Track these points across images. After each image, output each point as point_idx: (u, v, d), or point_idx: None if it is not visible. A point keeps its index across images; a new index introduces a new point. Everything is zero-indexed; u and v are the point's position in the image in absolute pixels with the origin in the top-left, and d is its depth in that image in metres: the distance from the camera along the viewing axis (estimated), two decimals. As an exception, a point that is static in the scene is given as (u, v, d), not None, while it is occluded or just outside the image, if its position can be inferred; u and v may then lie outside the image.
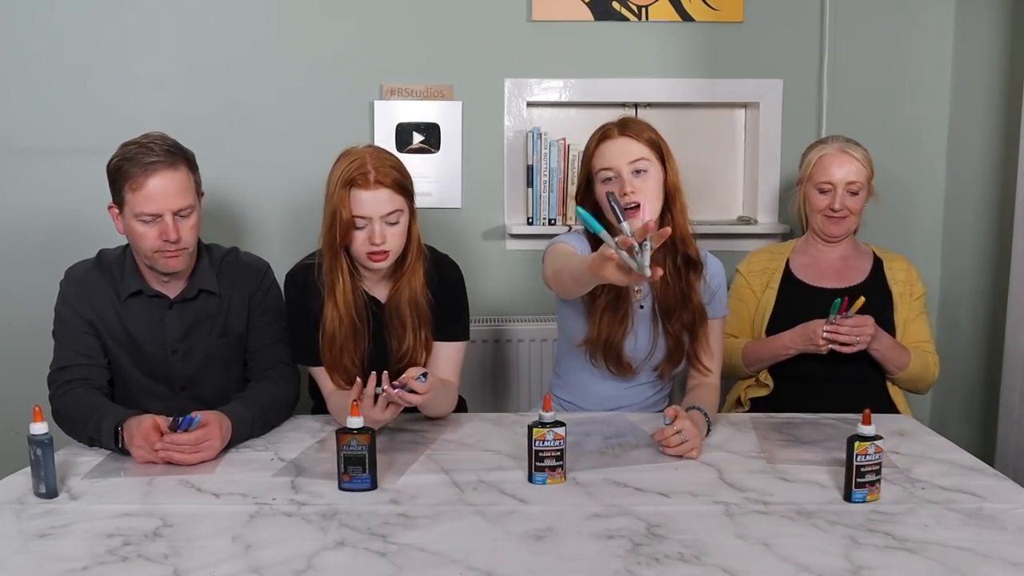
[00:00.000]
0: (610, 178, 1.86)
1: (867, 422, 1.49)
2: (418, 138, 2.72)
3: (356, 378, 1.81)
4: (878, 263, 2.31)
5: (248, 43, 2.67)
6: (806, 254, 2.35)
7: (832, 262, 2.32)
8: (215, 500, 1.54)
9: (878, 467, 1.51)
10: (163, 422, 1.71)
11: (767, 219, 2.81)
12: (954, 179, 2.81)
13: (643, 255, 1.39)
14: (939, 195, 2.84)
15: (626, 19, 2.71)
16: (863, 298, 2.08)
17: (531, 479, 1.59)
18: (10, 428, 2.57)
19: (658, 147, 1.89)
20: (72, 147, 2.65)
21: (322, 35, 2.67)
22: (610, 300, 1.89)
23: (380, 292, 1.96)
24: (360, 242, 1.85)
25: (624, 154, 1.86)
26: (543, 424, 1.58)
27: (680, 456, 1.71)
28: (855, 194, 2.25)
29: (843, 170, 2.24)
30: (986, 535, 1.38)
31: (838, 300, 2.08)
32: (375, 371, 1.74)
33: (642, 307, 1.94)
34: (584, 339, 1.93)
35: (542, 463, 1.59)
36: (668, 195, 1.90)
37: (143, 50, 2.64)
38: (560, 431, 1.58)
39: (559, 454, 1.59)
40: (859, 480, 1.50)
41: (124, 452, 1.72)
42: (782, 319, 2.22)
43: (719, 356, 2.01)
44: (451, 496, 1.54)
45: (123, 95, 2.64)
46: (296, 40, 2.67)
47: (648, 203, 1.82)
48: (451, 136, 2.73)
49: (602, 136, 1.90)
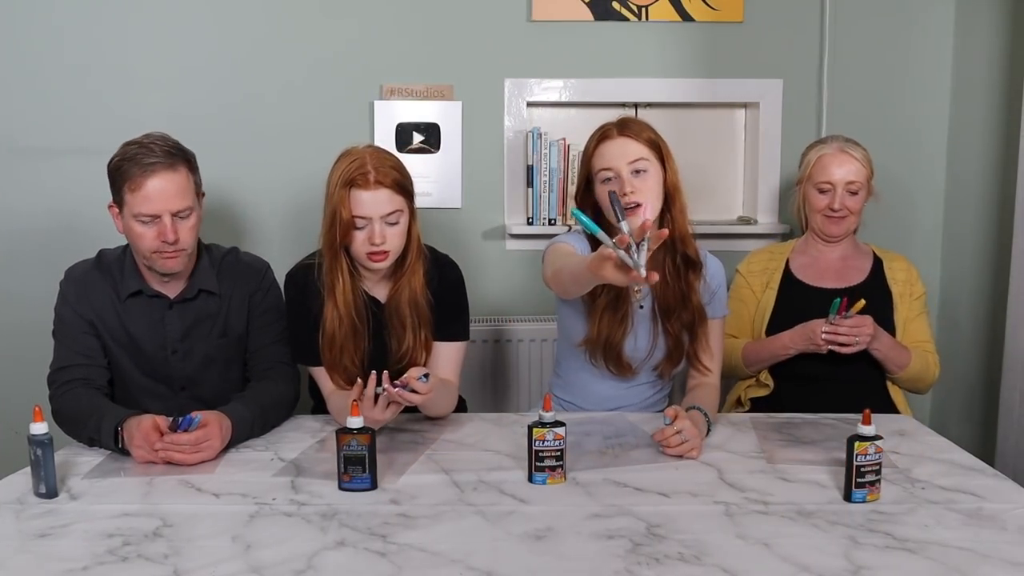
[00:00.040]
0: (610, 178, 1.86)
1: (867, 422, 1.49)
2: (418, 138, 2.72)
3: (356, 378, 1.82)
4: (878, 263, 2.31)
5: (248, 43, 2.67)
6: (806, 254, 2.35)
7: (832, 262, 2.32)
8: (215, 500, 1.54)
9: (878, 467, 1.51)
10: (163, 422, 1.71)
11: (767, 219, 2.81)
12: (954, 179, 2.81)
13: (640, 254, 1.39)
14: (939, 195, 2.84)
15: (626, 19, 2.71)
16: (863, 301, 2.08)
17: (531, 479, 1.59)
18: (10, 428, 2.57)
19: (657, 147, 1.89)
20: (72, 147, 2.65)
21: (322, 35, 2.67)
22: (610, 300, 1.89)
23: (380, 292, 1.96)
24: (360, 242, 1.85)
25: (623, 154, 1.86)
26: (543, 424, 1.58)
27: (680, 456, 1.71)
28: (855, 194, 2.25)
29: (843, 170, 2.24)
30: (986, 535, 1.38)
31: (837, 300, 2.08)
32: (375, 371, 1.74)
33: (642, 307, 1.94)
34: (584, 339, 1.93)
35: (542, 463, 1.59)
36: (668, 195, 1.90)
37: (143, 50, 2.64)
38: (560, 431, 1.58)
39: (559, 454, 1.59)
40: (859, 480, 1.50)
41: (124, 452, 1.72)
42: (782, 319, 2.22)
43: (719, 356, 2.01)
44: (451, 496, 1.54)
45: (123, 95, 2.64)
46: (296, 40, 2.67)
47: (648, 203, 1.82)
48: (451, 136, 2.73)
49: (601, 136, 1.90)
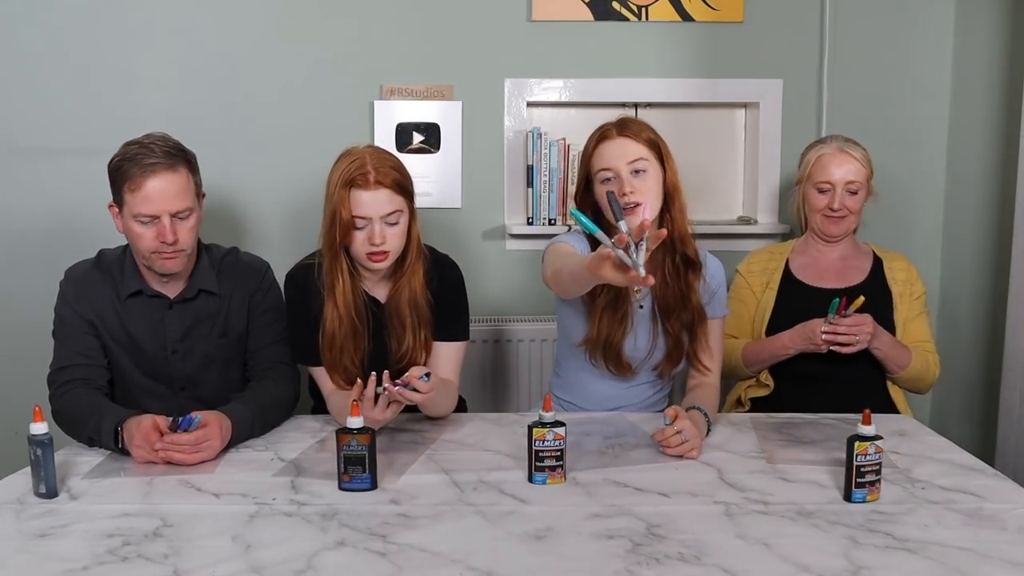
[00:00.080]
0: (609, 178, 1.86)
1: (867, 422, 1.49)
2: (418, 138, 2.72)
3: (356, 378, 1.82)
4: (878, 263, 2.31)
5: (248, 43, 2.67)
6: (806, 254, 2.35)
7: (832, 262, 2.32)
8: (215, 500, 1.54)
9: (878, 467, 1.51)
10: (163, 422, 1.71)
11: (767, 219, 2.81)
12: (954, 179, 2.80)
13: (639, 254, 1.40)
14: (939, 195, 2.84)
15: (626, 19, 2.71)
16: (863, 297, 2.08)
17: (531, 479, 1.59)
18: (10, 428, 2.57)
19: (657, 147, 1.89)
20: (72, 147, 2.65)
21: (322, 35, 2.67)
22: (610, 300, 1.89)
23: (380, 292, 1.96)
24: (360, 242, 1.85)
25: (623, 154, 1.86)
26: (543, 424, 1.58)
27: (680, 456, 1.71)
28: (854, 194, 2.25)
29: (842, 170, 2.24)
30: (986, 535, 1.38)
31: (836, 300, 2.08)
32: (375, 372, 1.74)
33: (641, 307, 1.94)
34: (584, 339, 1.93)
35: (542, 463, 1.58)
36: (667, 195, 1.90)
37: (143, 50, 2.64)
38: (560, 431, 1.58)
39: (559, 454, 1.59)
40: (859, 480, 1.49)
41: (124, 452, 1.72)
42: (782, 319, 2.22)
43: (719, 356, 2.01)
44: (451, 496, 1.54)
45: (123, 95, 2.64)
46: (296, 40, 2.67)
47: (647, 203, 1.82)
48: (451, 136, 2.73)
49: (601, 136, 1.90)
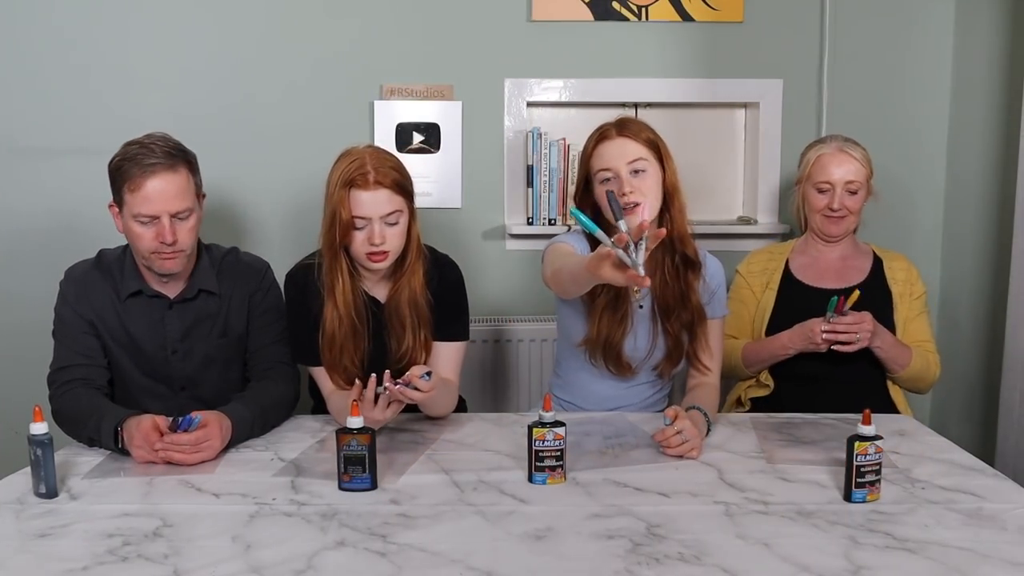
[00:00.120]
0: (608, 178, 1.86)
1: (867, 422, 1.49)
2: (418, 138, 2.72)
3: (356, 378, 1.82)
4: (878, 262, 2.31)
5: (248, 43, 2.67)
6: (805, 254, 2.35)
7: (832, 262, 2.31)
8: (215, 500, 1.54)
9: (878, 467, 1.51)
10: (163, 422, 1.71)
11: (767, 219, 2.81)
12: (954, 179, 2.80)
13: (638, 254, 1.40)
14: (939, 195, 2.84)
15: (626, 19, 2.71)
16: (858, 292, 2.08)
17: (531, 479, 1.59)
18: (10, 428, 2.57)
19: (656, 147, 1.89)
20: (72, 147, 2.65)
21: (323, 35, 2.67)
22: (609, 300, 1.89)
23: (380, 292, 1.96)
24: (359, 242, 1.85)
25: (622, 154, 1.86)
26: (543, 424, 1.58)
27: (680, 456, 1.71)
28: (854, 193, 2.25)
29: (841, 169, 2.24)
30: (986, 535, 1.38)
31: (834, 298, 2.07)
32: (375, 373, 1.74)
33: (641, 307, 1.94)
34: (584, 339, 1.93)
35: (542, 463, 1.58)
36: (667, 195, 1.90)
37: (143, 50, 2.64)
38: (560, 431, 1.58)
39: (559, 454, 1.59)
40: (859, 480, 1.49)
41: (124, 452, 1.72)
42: (781, 320, 2.22)
43: (719, 356, 2.01)
44: (451, 496, 1.54)
45: (123, 95, 2.64)
46: (297, 40, 2.67)
47: (647, 203, 1.82)
48: (451, 136, 2.73)
49: (600, 137, 1.90)
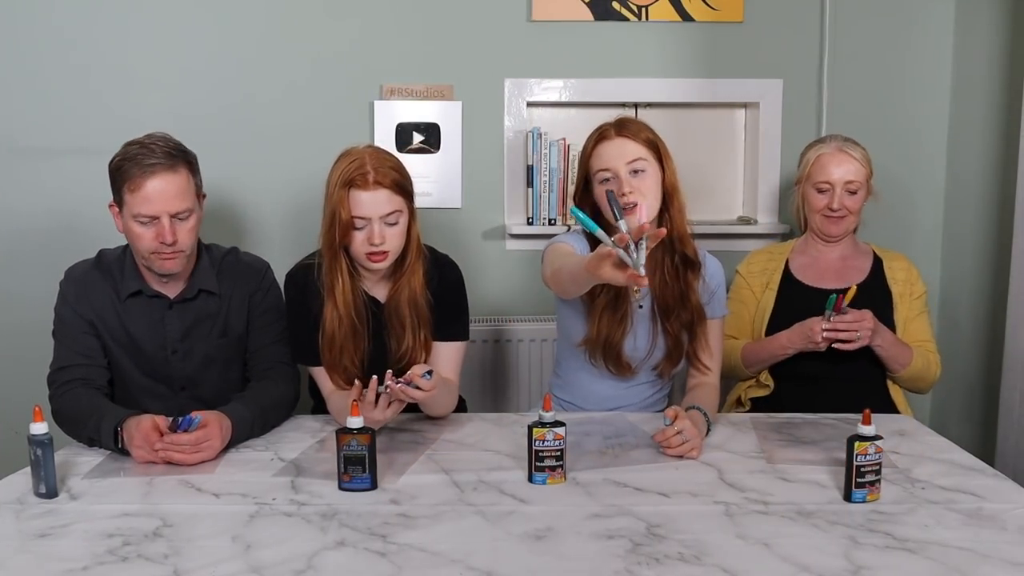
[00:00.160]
0: (608, 179, 1.86)
1: (867, 422, 1.49)
2: (418, 138, 2.72)
3: (356, 378, 1.82)
4: (878, 262, 2.31)
5: (248, 43, 2.67)
6: (805, 254, 2.35)
7: (832, 262, 2.31)
8: (215, 500, 1.54)
9: (878, 467, 1.51)
10: (163, 422, 1.71)
11: (767, 219, 2.81)
12: (954, 179, 2.80)
13: (639, 253, 1.40)
14: (939, 195, 2.84)
15: (626, 19, 2.71)
16: (855, 287, 2.08)
17: (531, 479, 1.59)
18: (10, 428, 2.57)
19: (655, 147, 1.89)
20: (72, 147, 2.65)
21: (323, 35, 2.67)
22: (609, 300, 1.89)
23: (380, 292, 1.96)
24: (359, 243, 1.85)
25: (621, 155, 1.86)
26: (543, 424, 1.58)
27: (680, 456, 1.71)
28: (854, 193, 2.25)
29: (841, 169, 2.24)
30: (986, 535, 1.38)
31: (833, 296, 2.07)
32: (376, 374, 1.73)
33: (641, 307, 1.94)
34: (584, 339, 1.93)
35: (542, 463, 1.59)
36: (666, 195, 1.90)
37: (143, 50, 2.64)
38: (560, 431, 1.58)
39: (559, 454, 1.59)
40: (859, 480, 1.49)
41: (124, 452, 1.72)
42: (781, 320, 2.21)
43: (718, 356, 2.01)
44: (451, 496, 1.54)
45: (123, 95, 2.64)
46: (297, 40, 2.67)
47: (646, 203, 1.82)
48: (451, 136, 2.73)
49: (599, 137, 1.90)
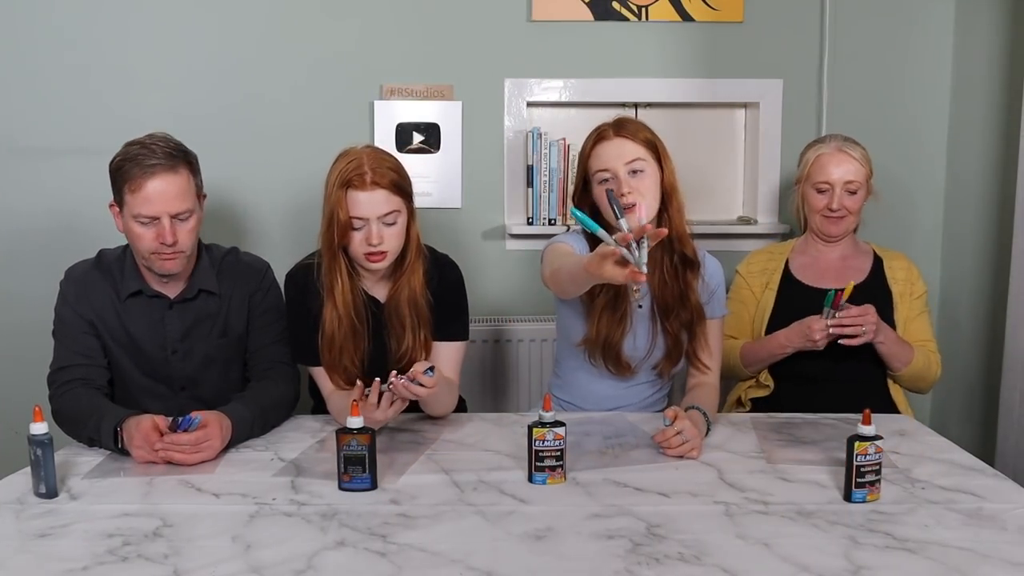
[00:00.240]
0: (607, 179, 1.86)
1: (867, 422, 1.49)
2: (418, 138, 2.72)
3: (356, 378, 1.82)
4: (878, 262, 2.30)
5: (248, 43, 2.67)
6: (805, 254, 2.34)
7: (832, 262, 2.31)
8: (215, 500, 1.54)
9: (878, 467, 1.51)
10: (162, 422, 1.71)
11: (767, 219, 2.81)
12: (954, 179, 2.80)
13: (641, 252, 1.40)
14: (939, 195, 2.84)
15: (626, 19, 2.71)
16: (852, 282, 2.08)
17: (531, 479, 1.59)
18: (10, 428, 2.57)
19: (654, 147, 1.89)
20: (72, 147, 2.65)
21: (323, 35, 2.67)
22: (609, 300, 1.89)
23: (379, 292, 1.96)
24: (358, 243, 1.85)
25: (620, 155, 1.86)
26: (543, 424, 1.58)
27: (680, 456, 1.71)
28: (853, 193, 2.25)
29: (841, 169, 2.24)
30: (986, 535, 1.38)
31: (831, 293, 2.07)
32: (377, 377, 1.74)
33: (640, 307, 1.94)
34: (583, 339, 1.93)
35: (542, 463, 1.59)
36: (665, 195, 1.90)
37: (143, 50, 2.64)
38: (560, 431, 1.58)
39: (559, 454, 1.59)
40: (859, 480, 1.50)
41: (124, 452, 1.72)
42: (781, 320, 2.21)
43: (718, 355, 2.01)
44: (451, 496, 1.54)
45: (123, 95, 2.64)
46: (297, 40, 2.67)
47: (645, 203, 1.82)
48: (451, 136, 2.73)
49: (598, 137, 1.90)
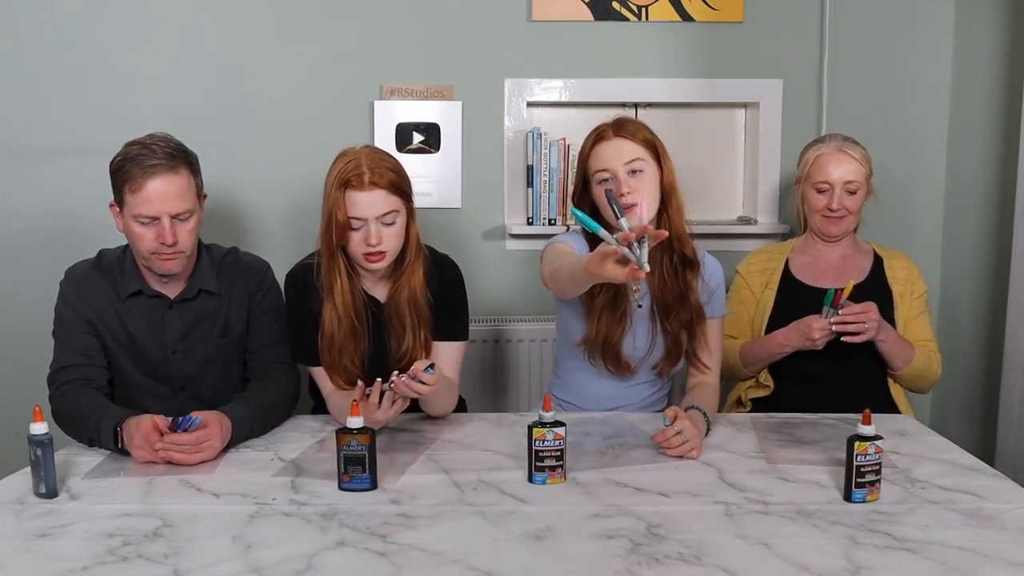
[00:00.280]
0: (606, 179, 1.86)
1: (867, 422, 1.49)
2: (418, 138, 2.72)
3: (356, 378, 1.82)
4: (878, 262, 2.30)
5: (248, 43, 2.67)
6: (805, 254, 2.34)
7: (832, 262, 2.31)
8: (215, 500, 1.54)
9: (878, 467, 1.51)
10: (162, 422, 1.71)
11: (767, 219, 2.81)
12: (954, 179, 2.80)
13: (642, 251, 1.41)
14: (939, 195, 2.84)
15: (626, 19, 2.71)
16: (852, 281, 2.08)
17: (531, 479, 1.59)
18: (10, 428, 2.57)
19: (653, 147, 1.89)
20: (72, 147, 2.65)
21: (323, 35, 2.67)
22: (608, 300, 1.89)
23: (379, 292, 1.96)
24: (356, 243, 1.85)
25: (619, 155, 1.86)
26: (543, 424, 1.58)
27: (680, 456, 1.71)
28: (853, 193, 2.24)
29: (840, 169, 2.23)
30: (986, 535, 1.38)
31: (830, 292, 2.07)
32: (376, 375, 1.74)
33: (640, 306, 1.94)
34: (583, 339, 1.93)
35: (542, 463, 1.59)
36: (664, 194, 1.90)
37: (143, 50, 2.64)
38: (560, 431, 1.58)
39: (559, 454, 1.59)
40: (859, 480, 1.50)
41: (123, 452, 1.72)
42: (781, 320, 2.21)
43: (718, 355, 2.01)
44: (451, 496, 1.54)
45: (123, 95, 2.64)
46: (297, 40, 2.67)
47: (645, 203, 1.82)
48: (451, 136, 2.73)
49: (597, 137, 1.90)
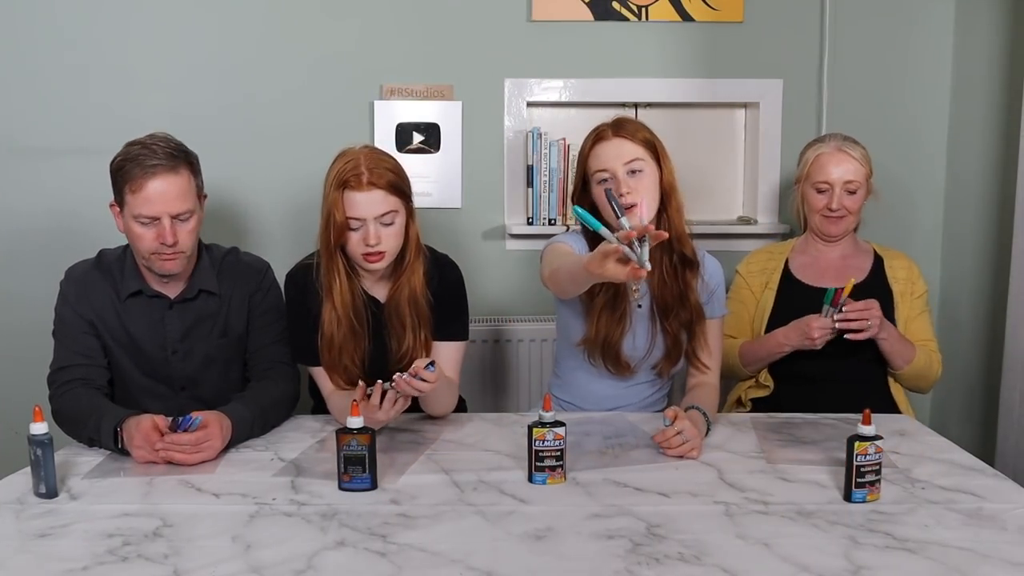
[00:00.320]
0: (605, 179, 1.86)
1: (867, 422, 1.49)
2: (418, 138, 2.72)
3: (356, 378, 1.82)
4: (878, 261, 2.30)
5: (248, 43, 2.67)
6: (805, 254, 2.34)
7: (832, 261, 2.31)
8: (215, 500, 1.54)
9: (878, 467, 1.51)
10: (162, 422, 1.71)
11: (767, 219, 2.81)
12: (954, 179, 2.80)
13: (643, 250, 1.41)
14: (939, 195, 2.84)
15: (626, 19, 2.71)
16: (853, 279, 2.08)
17: (531, 479, 1.59)
18: (10, 428, 2.57)
19: (653, 147, 1.89)
20: (72, 147, 2.65)
21: (323, 35, 2.67)
22: (608, 299, 1.89)
23: (379, 292, 1.96)
24: (355, 243, 1.85)
25: (619, 155, 1.86)
26: (543, 424, 1.58)
27: (680, 456, 1.71)
28: (853, 193, 2.24)
29: (840, 169, 2.23)
30: (986, 535, 1.38)
31: (830, 291, 2.07)
32: (379, 379, 1.74)
33: (640, 306, 1.94)
34: (583, 339, 1.93)
35: (542, 463, 1.59)
36: (664, 194, 1.90)
37: (143, 50, 2.64)
38: (560, 431, 1.58)
39: (559, 454, 1.59)
40: (859, 480, 1.50)
41: (123, 452, 1.72)
42: (781, 319, 2.20)
43: (718, 355, 2.01)
44: (451, 496, 1.54)
45: (123, 95, 2.64)
46: (296, 40, 2.67)
47: (644, 203, 1.82)
48: (451, 136, 2.73)
49: (596, 137, 1.90)
